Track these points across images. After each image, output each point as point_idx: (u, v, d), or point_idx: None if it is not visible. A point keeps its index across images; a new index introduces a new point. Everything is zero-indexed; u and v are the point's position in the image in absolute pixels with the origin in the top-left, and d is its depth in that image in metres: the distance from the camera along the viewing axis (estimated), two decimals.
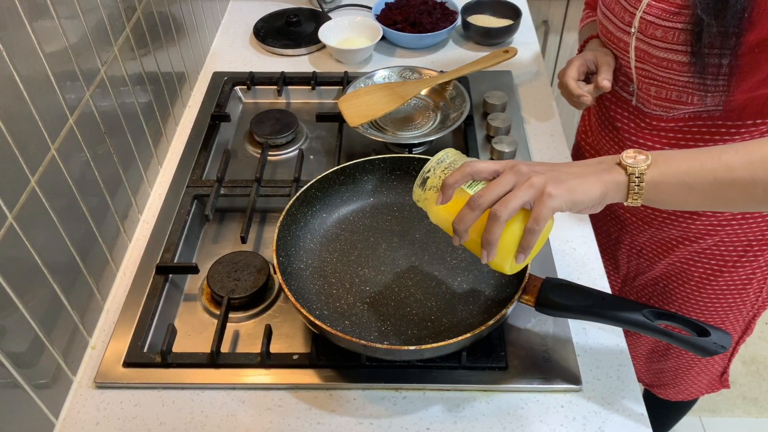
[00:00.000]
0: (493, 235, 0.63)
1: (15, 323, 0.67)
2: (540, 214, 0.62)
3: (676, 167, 0.64)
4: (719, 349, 0.67)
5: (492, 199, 0.63)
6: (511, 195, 0.63)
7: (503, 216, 0.62)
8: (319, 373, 0.79)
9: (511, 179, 0.64)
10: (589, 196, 0.64)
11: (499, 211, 0.62)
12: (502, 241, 0.64)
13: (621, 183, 0.64)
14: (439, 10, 1.37)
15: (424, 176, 0.71)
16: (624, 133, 1.01)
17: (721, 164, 0.63)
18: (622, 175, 0.64)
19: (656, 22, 0.83)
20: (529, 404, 0.77)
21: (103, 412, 0.77)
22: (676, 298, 1.12)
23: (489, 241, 0.64)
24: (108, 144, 0.89)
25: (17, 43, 0.68)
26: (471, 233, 0.66)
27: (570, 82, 0.96)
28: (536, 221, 0.63)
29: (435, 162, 0.71)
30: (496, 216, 0.62)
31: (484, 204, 0.63)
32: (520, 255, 0.65)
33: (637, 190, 0.64)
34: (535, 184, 0.63)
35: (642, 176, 0.64)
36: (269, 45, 1.35)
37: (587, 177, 0.64)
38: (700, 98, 0.85)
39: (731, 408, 1.85)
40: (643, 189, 0.64)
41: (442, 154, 0.72)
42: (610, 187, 0.64)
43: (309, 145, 1.16)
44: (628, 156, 0.65)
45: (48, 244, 0.73)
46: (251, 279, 0.88)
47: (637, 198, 0.65)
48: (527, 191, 0.62)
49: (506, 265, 0.67)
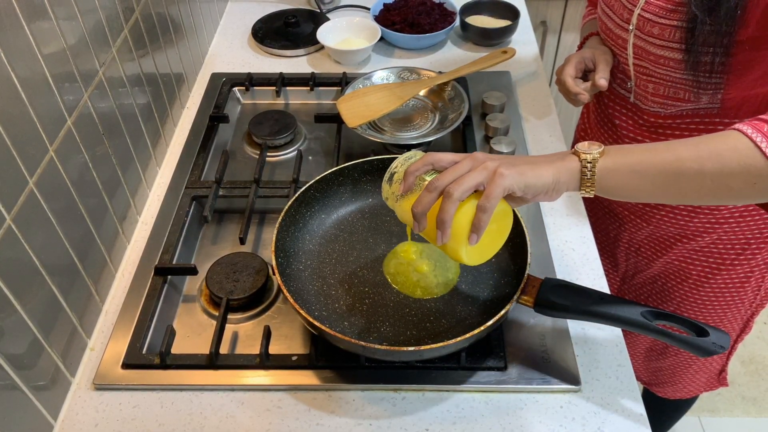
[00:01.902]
0: (446, 213, 0.65)
1: (13, 325, 0.67)
2: (491, 191, 0.65)
3: (629, 157, 0.67)
4: (718, 349, 0.67)
5: (448, 181, 0.66)
6: (466, 176, 0.66)
7: (456, 194, 0.65)
8: (318, 374, 0.79)
9: (468, 164, 0.67)
10: (541, 180, 0.66)
11: (453, 189, 0.65)
12: (456, 222, 0.66)
13: (574, 169, 0.67)
14: (438, 11, 1.37)
15: (391, 172, 0.73)
16: (622, 131, 1.01)
17: (671, 155, 0.66)
18: (574, 162, 0.67)
19: (653, 19, 0.84)
20: (528, 405, 0.77)
21: (102, 414, 0.77)
22: (675, 296, 1.13)
23: (443, 219, 0.66)
24: (106, 145, 0.89)
25: (15, 44, 0.68)
26: (429, 220, 0.68)
27: (567, 79, 0.96)
28: (487, 198, 0.65)
29: (402, 159, 0.74)
30: (449, 194, 0.65)
31: (440, 186, 0.66)
32: (473, 235, 0.67)
33: (589, 176, 0.67)
34: (489, 167, 0.66)
35: (594, 162, 0.66)
36: (268, 46, 1.35)
37: (541, 164, 0.68)
38: (695, 95, 0.86)
39: (730, 408, 1.85)
40: (595, 176, 0.66)
41: (410, 154, 0.74)
42: (562, 172, 0.67)
43: (308, 146, 1.16)
44: (582, 145, 0.68)
45: (46, 246, 0.73)
46: (250, 280, 0.88)
47: (591, 186, 0.67)
48: (481, 173, 0.66)
49: (461, 250, 0.69)
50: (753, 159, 0.63)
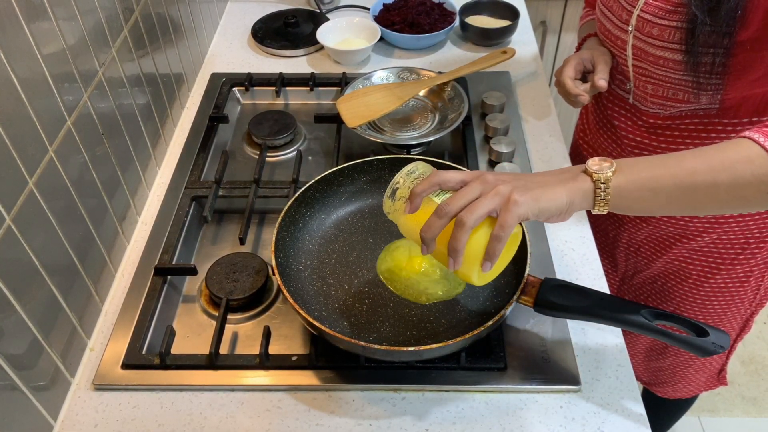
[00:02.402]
0: (459, 242, 0.63)
1: (13, 325, 0.67)
2: (506, 221, 0.63)
3: (640, 173, 0.66)
4: (718, 349, 0.67)
5: (459, 206, 0.64)
6: (478, 202, 0.63)
7: (469, 222, 0.63)
8: (318, 374, 0.79)
9: (478, 188, 0.65)
10: (555, 203, 0.65)
11: (465, 218, 0.63)
12: (469, 248, 0.64)
13: (587, 190, 0.66)
14: (437, 11, 1.37)
15: (393, 187, 0.70)
16: (621, 131, 1.01)
17: (683, 169, 0.65)
18: (587, 183, 0.66)
19: (652, 20, 0.84)
20: (528, 405, 0.77)
21: (102, 414, 0.77)
22: (674, 296, 1.13)
23: (455, 248, 0.64)
24: (106, 145, 0.89)
25: (15, 44, 0.68)
26: (438, 243, 0.66)
27: (567, 80, 0.96)
28: (502, 228, 0.63)
29: (405, 173, 0.71)
30: (462, 223, 0.63)
31: (451, 212, 0.64)
32: (486, 263, 0.66)
33: (603, 196, 0.65)
34: (501, 192, 0.64)
35: (607, 182, 0.65)
36: (267, 46, 1.35)
37: (553, 185, 0.66)
38: (694, 96, 0.86)
39: (730, 408, 1.85)
40: (609, 195, 0.65)
41: (411, 166, 0.71)
42: (576, 194, 0.66)
43: (307, 146, 1.16)
44: (593, 164, 0.66)
45: (46, 246, 0.73)
46: (250, 280, 0.88)
47: (604, 205, 0.66)
48: (493, 199, 0.63)
49: (473, 275, 0.67)
50: (766, 168, 0.62)
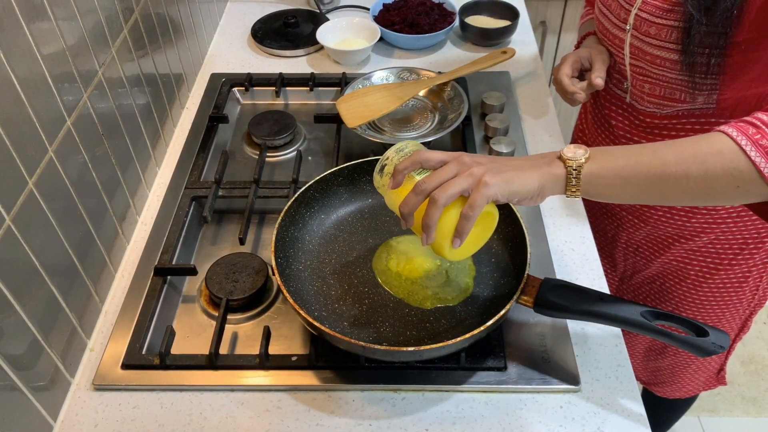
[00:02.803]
0: (431, 218, 0.67)
1: (13, 325, 0.67)
2: (475, 200, 0.66)
3: (614, 161, 0.67)
4: (717, 349, 0.67)
5: (434, 185, 0.67)
6: (451, 182, 0.66)
7: (441, 200, 0.66)
8: (318, 375, 0.79)
9: (454, 168, 0.67)
10: (525, 187, 0.67)
11: (438, 196, 0.66)
12: (441, 225, 0.68)
13: (559, 176, 0.68)
14: (437, 11, 1.37)
15: (382, 163, 0.74)
16: (618, 131, 1.01)
17: (656, 159, 0.66)
18: (560, 168, 0.68)
19: (650, 19, 0.84)
20: (528, 405, 0.77)
21: (102, 414, 0.77)
22: (673, 296, 1.13)
23: (427, 223, 0.67)
24: (106, 146, 0.89)
25: (14, 44, 0.68)
26: (416, 218, 0.69)
27: (564, 79, 0.97)
28: (471, 207, 0.66)
29: (394, 150, 0.74)
30: (434, 200, 0.66)
31: (426, 189, 0.67)
32: (456, 240, 0.68)
33: (574, 182, 0.67)
34: (474, 173, 0.66)
35: (579, 169, 0.67)
36: (267, 46, 1.35)
37: (527, 169, 0.68)
38: (690, 95, 0.86)
39: (730, 408, 1.85)
40: (580, 181, 0.67)
41: (402, 144, 0.75)
42: (548, 179, 0.67)
43: (307, 147, 1.16)
44: (568, 150, 0.68)
45: (46, 246, 0.73)
46: (250, 280, 0.88)
47: (576, 190, 0.68)
48: (466, 179, 0.66)
49: (445, 250, 0.70)
50: (737, 162, 0.63)
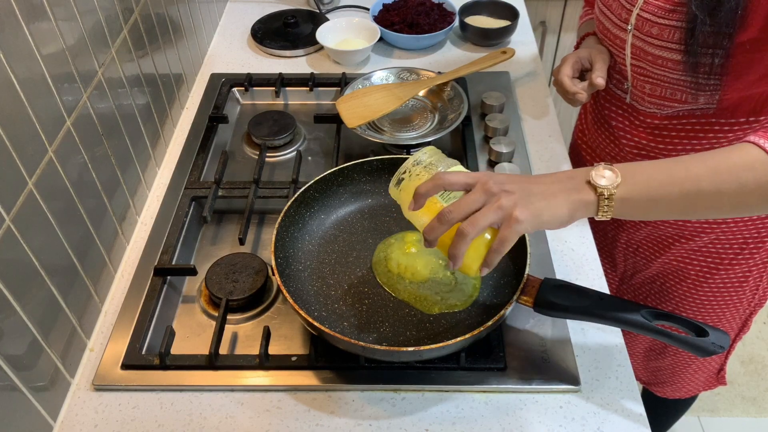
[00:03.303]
0: (459, 251, 0.66)
1: (13, 326, 0.67)
2: (507, 237, 0.65)
3: (646, 184, 0.66)
4: (717, 349, 0.67)
5: (461, 216, 0.65)
6: (480, 215, 0.65)
7: (470, 235, 0.65)
8: (318, 375, 0.79)
9: (482, 198, 0.66)
10: (556, 217, 0.66)
11: (467, 230, 0.65)
12: (467, 255, 0.67)
13: (590, 202, 0.66)
14: (437, 11, 1.37)
15: (399, 177, 0.72)
16: (619, 131, 1.01)
17: (689, 176, 0.65)
18: (591, 195, 0.66)
19: (652, 19, 0.84)
20: (528, 405, 0.77)
21: (102, 415, 0.77)
22: (673, 296, 1.13)
23: (455, 254, 0.66)
24: (105, 146, 0.89)
25: (14, 44, 0.68)
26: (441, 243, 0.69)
27: (564, 79, 0.97)
28: (502, 243, 0.65)
29: (412, 162, 0.72)
30: (463, 234, 0.65)
31: (453, 220, 0.66)
32: (484, 269, 0.69)
33: (606, 208, 0.66)
34: (504, 207, 0.65)
35: (611, 197, 0.65)
36: (267, 46, 1.35)
37: (556, 197, 0.66)
38: (693, 96, 0.86)
39: (730, 408, 1.85)
40: (612, 207, 0.66)
41: (419, 155, 0.73)
42: (578, 207, 0.66)
43: (307, 147, 1.16)
44: (598, 175, 0.66)
45: (46, 247, 0.73)
46: (249, 280, 0.88)
47: (607, 214, 0.66)
48: (496, 213, 0.65)
49: (470, 272, 0.70)
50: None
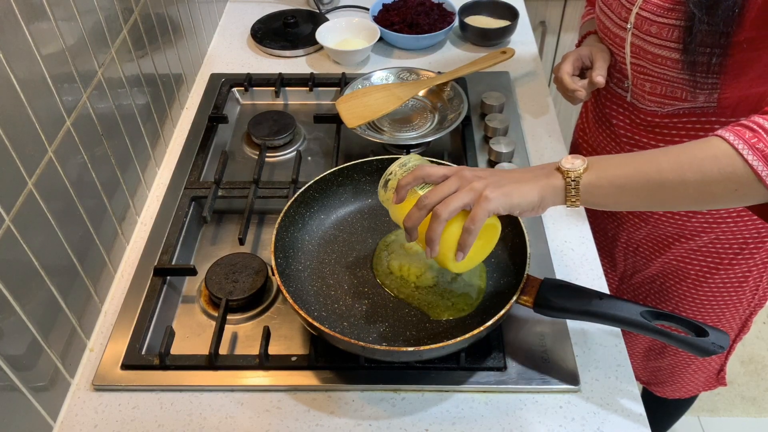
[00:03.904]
0: (434, 233, 0.68)
1: (12, 326, 0.67)
2: (477, 214, 0.67)
3: (611, 171, 0.68)
4: (717, 349, 0.67)
5: (436, 200, 0.69)
6: (453, 197, 0.68)
7: (443, 215, 0.67)
8: (318, 375, 0.79)
9: (455, 183, 0.69)
10: (526, 199, 0.68)
11: (440, 211, 0.67)
12: (444, 239, 0.69)
13: (558, 187, 0.68)
14: (437, 11, 1.37)
15: (386, 178, 0.76)
16: (619, 130, 1.01)
17: (653, 167, 0.67)
18: (559, 179, 0.69)
19: (651, 17, 0.84)
20: (528, 405, 0.77)
21: (102, 415, 0.77)
22: (673, 296, 1.13)
23: (431, 237, 0.69)
24: (105, 146, 0.89)
25: (14, 45, 0.68)
26: (420, 232, 0.71)
27: (564, 77, 0.97)
28: (472, 221, 0.67)
29: (397, 165, 0.76)
30: (436, 215, 0.68)
31: (428, 204, 0.69)
32: (459, 253, 0.70)
33: (573, 193, 0.68)
34: (475, 188, 0.68)
35: (578, 180, 0.67)
36: (267, 46, 1.35)
37: (526, 182, 0.69)
38: (691, 94, 0.86)
39: (730, 408, 1.85)
40: (579, 192, 0.68)
41: (404, 159, 0.77)
42: (547, 190, 0.68)
43: (307, 147, 1.16)
44: (566, 161, 0.69)
45: (45, 247, 0.73)
46: (249, 281, 0.88)
47: (575, 200, 0.68)
48: (467, 194, 0.68)
49: (449, 263, 0.72)
50: (734, 167, 0.63)
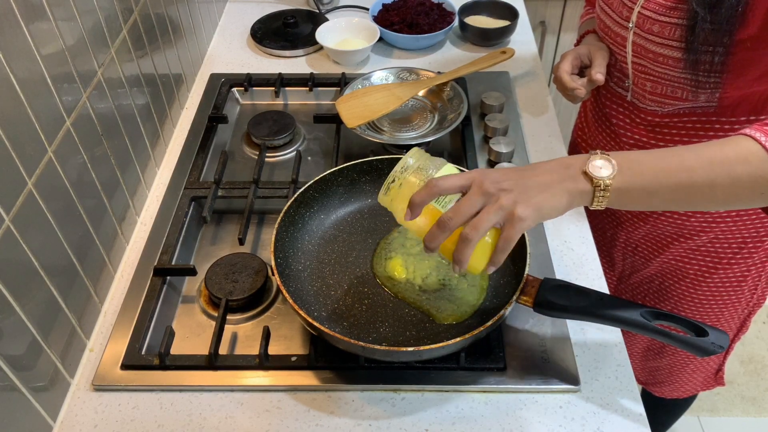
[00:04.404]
0: (463, 255, 0.66)
1: (12, 326, 0.67)
2: (511, 236, 0.65)
3: (640, 176, 0.66)
4: (717, 349, 0.67)
5: (462, 221, 0.65)
6: (482, 218, 0.64)
7: (474, 240, 0.65)
8: (318, 375, 0.79)
9: (480, 200, 0.65)
10: (556, 209, 0.66)
11: (471, 235, 0.65)
12: (472, 258, 0.67)
13: (586, 192, 0.66)
14: (437, 11, 1.37)
15: (388, 184, 0.70)
16: (619, 129, 1.01)
17: (683, 168, 0.65)
18: (587, 185, 0.66)
19: (653, 16, 0.84)
20: (528, 405, 0.77)
21: (101, 415, 0.77)
22: (672, 295, 1.13)
23: (460, 259, 0.66)
24: (105, 146, 0.89)
25: (14, 45, 0.68)
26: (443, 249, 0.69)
27: (564, 75, 0.97)
28: (506, 242, 0.66)
29: (399, 169, 0.70)
30: (467, 239, 0.65)
31: (453, 226, 0.65)
32: (490, 267, 0.69)
33: (601, 198, 0.66)
34: (505, 206, 0.64)
35: (607, 188, 0.66)
36: (266, 46, 1.35)
37: (553, 187, 0.66)
38: (693, 94, 0.86)
39: (729, 407, 1.85)
40: (608, 196, 0.66)
41: (406, 159, 0.71)
42: (575, 197, 0.67)
43: (306, 147, 1.16)
44: (594, 166, 0.66)
45: (45, 247, 0.73)
46: (249, 281, 0.88)
47: (603, 203, 0.67)
48: (497, 214, 0.65)
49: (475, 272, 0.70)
50: (764, 170, 0.63)
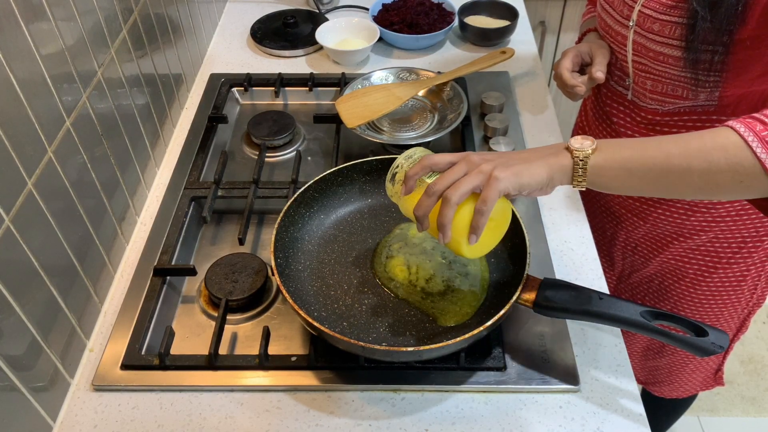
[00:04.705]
0: (445, 218, 0.67)
1: (12, 326, 0.67)
2: (487, 195, 0.67)
3: (619, 153, 0.68)
4: (717, 349, 0.67)
5: (445, 185, 0.68)
6: (462, 180, 0.68)
7: (453, 199, 0.67)
8: (318, 375, 0.79)
9: (463, 168, 0.69)
10: (535, 179, 0.68)
11: (450, 195, 0.67)
12: (456, 223, 0.69)
13: (566, 166, 0.69)
14: (437, 11, 1.37)
15: (393, 171, 0.75)
16: (620, 128, 1.01)
17: (661, 152, 0.67)
18: (567, 159, 0.69)
19: (654, 15, 0.84)
20: (528, 405, 0.77)
21: (101, 415, 0.77)
22: (671, 295, 1.13)
23: (442, 223, 0.68)
24: (105, 146, 0.89)
25: (13, 45, 0.68)
26: (432, 220, 0.70)
27: (564, 72, 0.97)
28: (484, 202, 0.67)
29: (403, 158, 0.75)
30: (447, 199, 0.67)
31: (438, 191, 0.68)
32: (472, 236, 0.69)
33: (581, 173, 0.68)
34: (484, 170, 0.68)
35: (586, 160, 0.68)
36: (266, 46, 1.35)
37: (535, 161, 0.69)
38: (693, 92, 0.86)
39: (729, 407, 1.85)
40: (587, 172, 0.68)
41: (410, 151, 0.76)
42: (555, 169, 0.69)
43: (306, 147, 1.16)
44: (576, 141, 0.69)
45: (45, 247, 0.73)
46: (249, 281, 0.88)
47: (582, 180, 0.69)
48: (477, 176, 0.67)
49: (463, 248, 0.71)
50: (741, 158, 0.64)
